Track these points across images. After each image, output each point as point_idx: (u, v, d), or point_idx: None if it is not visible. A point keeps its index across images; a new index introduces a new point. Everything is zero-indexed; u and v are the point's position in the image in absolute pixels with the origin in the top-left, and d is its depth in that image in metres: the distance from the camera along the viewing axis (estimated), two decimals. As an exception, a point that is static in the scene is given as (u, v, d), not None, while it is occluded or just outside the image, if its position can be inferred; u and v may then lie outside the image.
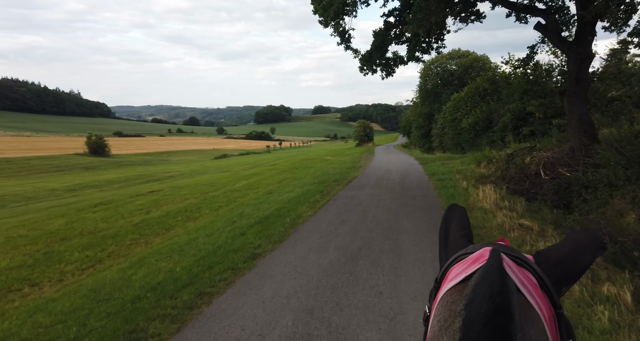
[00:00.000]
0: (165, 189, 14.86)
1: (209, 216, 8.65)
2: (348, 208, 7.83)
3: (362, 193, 9.95)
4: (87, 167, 39.16)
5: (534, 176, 11.15)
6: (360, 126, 57.59)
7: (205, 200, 11.21)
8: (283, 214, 7.40)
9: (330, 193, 10.11)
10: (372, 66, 11.76)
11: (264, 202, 9.59)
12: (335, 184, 11.74)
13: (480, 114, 22.61)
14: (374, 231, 5.88)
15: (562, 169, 10.30)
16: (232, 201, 10.74)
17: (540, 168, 11.19)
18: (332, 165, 19.74)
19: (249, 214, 7.91)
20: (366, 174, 14.63)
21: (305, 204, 8.42)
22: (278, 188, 12.54)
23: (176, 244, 5.94)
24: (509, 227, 5.84)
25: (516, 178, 11.65)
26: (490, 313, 0.48)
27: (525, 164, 12.46)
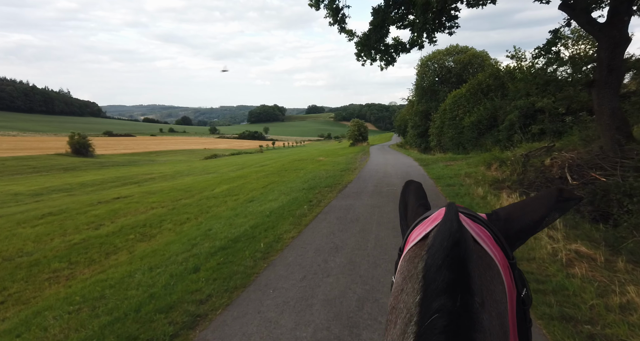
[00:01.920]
0: (134, 195, 13.05)
1: (168, 234, 6.91)
2: (342, 226, 6.12)
3: (359, 202, 8.25)
4: (66, 168, 37.04)
5: (559, 181, 9.55)
6: (355, 125, 55.94)
7: (174, 210, 9.45)
8: (258, 235, 5.67)
9: (320, 202, 8.40)
10: (371, 52, 10.06)
11: (240, 214, 7.87)
12: (327, 191, 10.04)
13: (483, 111, 21.05)
14: (379, 265, 4.18)
15: (595, 173, 8.64)
16: (205, 211, 8.99)
17: (565, 171, 9.56)
18: (324, 167, 18.04)
19: (216, 234, 6.18)
20: (362, 178, 12.94)
21: (288, 219, 6.70)
22: (261, 195, 10.82)
23: (101, 285, 4.20)
24: (566, 259, 4.19)
25: (537, 183, 10.03)
26: (449, 247, 0.51)
27: (545, 166, 10.85)
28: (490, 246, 0.63)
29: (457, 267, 0.49)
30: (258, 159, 41.26)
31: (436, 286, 0.48)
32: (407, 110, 48.19)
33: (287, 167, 20.21)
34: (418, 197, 0.87)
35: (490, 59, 34.64)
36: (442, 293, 0.47)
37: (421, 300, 0.48)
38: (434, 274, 0.49)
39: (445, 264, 0.49)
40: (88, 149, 50.52)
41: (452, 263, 0.49)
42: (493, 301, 0.54)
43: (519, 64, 20.44)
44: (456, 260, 0.49)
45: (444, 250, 0.51)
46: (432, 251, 0.53)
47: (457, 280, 0.47)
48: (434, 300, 0.46)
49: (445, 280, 0.48)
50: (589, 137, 11.50)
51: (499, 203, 7.65)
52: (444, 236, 0.53)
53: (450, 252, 0.50)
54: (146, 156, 63.26)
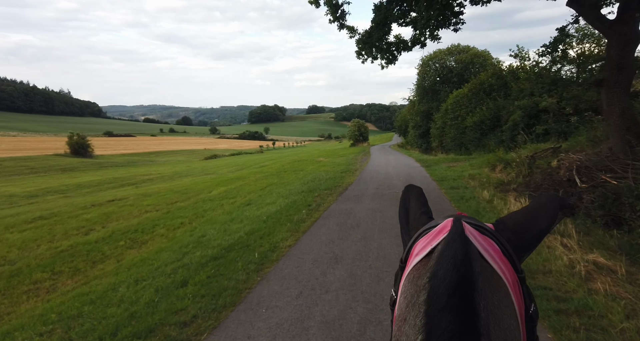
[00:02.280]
0: (130, 197, 12.72)
1: (160, 240, 6.58)
2: (342, 233, 5.79)
3: (360, 206, 7.92)
4: (64, 169, 36.74)
5: (567, 183, 9.23)
6: (355, 126, 55.60)
7: (168, 214, 9.13)
8: (253, 243, 5.34)
9: (320, 206, 8.07)
10: (372, 50, 9.72)
11: (236, 219, 7.54)
12: (327, 194, 9.71)
13: (486, 111, 20.71)
14: (382, 279, 3.84)
15: (605, 176, 8.31)
16: (200, 215, 8.67)
17: (573, 174, 9.24)
18: (324, 168, 17.72)
19: (210, 241, 5.85)
20: (363, 180, 12.61)
21: (286, 225, 6.37)
22: (259, 198, 10.49)
23: (82, 299, 3.88)
24: (585, 272, 3.86)
25: (544, 185, 9.70)
26: (454, 284, 0.48)
27: (552, 168, 10.52)
28: (498, 262, 0.60)
29: (462, 309, 0.45)
30: (258, 159, 40.94)
31: (438, 333, 0.44)
32: (408, 110, 47.82)
33: (286, 169, 19.89)
34: (420, 204, 0.83)
35: (492, 59, 34.30)
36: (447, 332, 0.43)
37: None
38: (436, 314, 0.46)
39: (449, 306, 0.46)
40: (87, 149, 50.23)
41: (457, 305, 0.46)
42: (502, 332, 0.52)
43: (522, 64, 20.14)
44: (461, 300, 0.46)
45: (447, 286, 0.48)
46: (435, 282, 0.50)
47: (462, 326, 0.44)
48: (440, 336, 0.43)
49: (448, 328, 0.44)
50: (597, 138, 11.16)
51: (507, 208, 7.32)
52: (448, 267, 0.50)
53: (454, 291, 0.47)
54: (145, 156, 62.97)
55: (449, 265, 0.51)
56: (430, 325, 0.46)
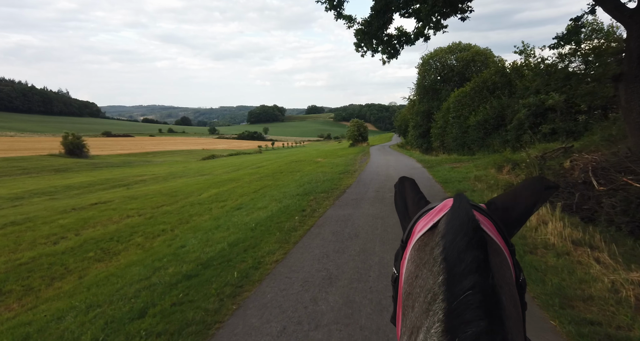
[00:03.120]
0: (115, 200, 12.00)
1: (134, 251, 5.85)
2: (339, 244, 5.06)
3: (359, 212, 7.19)
4: (57, 169, 35.95)
5: (582, 186, 8.51)
6: (354, 126, 54.85)
7: (151, 219, 8.41)
8: (234, 258, 4.60)
9: (315, 212, 7.34)
10: (372, 42, 8.99)
11: (222, 226, 6.82)
12: (324, 198, 8.98)
13: (490, 110, 19.98)
14: (385, 308, 3.10)
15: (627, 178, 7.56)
16: (184, 221, 7.94)
17: (589, 175, 8.51)
18: (322, 169, 16.99)
19: (188, 253, 5.12)
20: (362, 182, 11.88)
21: (275, 234, 5.64)
22: (251, 201, 9.77)
23: (19, 332, 3.15)
24: (634, 297, 3.14)
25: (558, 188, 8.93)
26: (472, 229, 0.51)
27: (564, 169, 9.81)
28: (495, 235, 0.64)
29: (483, 248, 0.49)
30: (255, 160, 40.21)
31: (464, 266, 0.48)
32: (407, 110, 47.06)
33: (283, 170, 19.16)
34: (416, 193, 0.86)
35: (494, 57, 33.59)
36: (473, 271, 0.46)
37: (446, 279, 0.48)
38: (458, 256, 0.49)
39: (471, 245, 0.49)
40: (82, 149, 49.44)
41: (478, 244, 0.49)
42: (507, 285, 0.56)
43: (526, 60, 19.42)
44: (481, 241, 0.50)
45: (466, 233, 0.51)
46: (451, 236, 0.53)
47: (486, 261, 0.48)
48: (465, 278, 0.46)
49: (475, 260, 0.47)
50: (613, 137, 10.46)
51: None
52: (463, 221, 0.54)
53: (474, 234, 0.51)
54: (142, 156, 62.19)
55: (463, 219, 0.53)
56: (451, 265, 0.48)
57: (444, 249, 0.52)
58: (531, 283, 3.52)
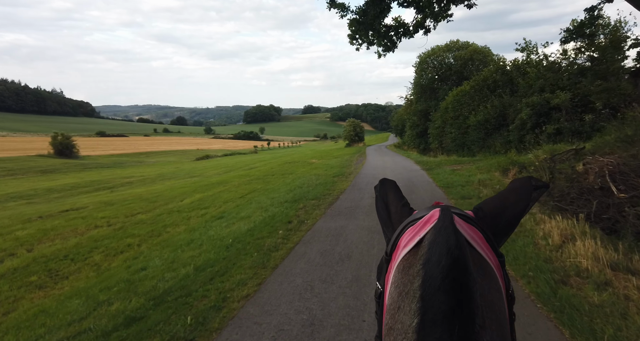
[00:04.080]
0: (89, 206, 11.05)
1: (86, 274, 4.95)
2: (327, 270, 4.17)
3: (353, 224, 6.31)
4: (44, 170, 34.83)
5: (599, 192, 7.67)
6: (350, 125, 54.00)
7: (120, 230, 7.50)
8: (196, 291, 3.70)
9: (302, 224, 6.45)
10: (367, 33, 8.12)
11: (196, 241, 5.93)
12: (314, 205, 8.09)
13: (491, 109, 19.17)
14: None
15: (652, 184, 6.74)
16: (156, 234, 7.03)
17: (607, 180, 7.68)
18: (316, 170, 16.11)
19: (144, 281, 4.23)
20: (358, 186, 11.00)
21: (252, 255, 4.74)
22: (235, 209, 8.88)
23: None
24: None
25: (572, 194, 8.14)
26: (448, 266, 0.48)
27: (577, 173, 8.96)
28: (484, 249, 0.61)
29: (456, 289, 0.46)
30: (249, 160, 39.26)
31: (433, 313, 0.45)
32: (404, 109, 46.20)
33: (275, 171, 18.25)
34: (399, 197, 0.82)
35: (493, 55, 32.84)
36: (439, 323, 0.44)
37: (418, 326, 0.45)
38: (431, 297, 0.46)
39: (443, 288, 0.46)
40: (72, 150, 48.27)
41: (451, 285, 0.46)
42: (493, 314, 0.53)
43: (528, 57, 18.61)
44: (455, 281, 0.46)
45: (441, 269, 0.48)
46: (429, 267, 0.50)
47: (456, 305, 0.44)
48: (432, 329, 0.43)
49: (442, 308, 0.44)
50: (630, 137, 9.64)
51: (540, 227, 5.75)
52: (442, 252, 0.50)
53: (448, 273, 0.47)
54: (135, 157, 61.05)
55: (443, 250, 0.51)
56: (425, 307, 0.46)
57: (423, 282, 0.48)
58: (578, 335, 2.65)
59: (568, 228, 5.61)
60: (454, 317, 0.43)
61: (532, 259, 4.26)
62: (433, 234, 0.56)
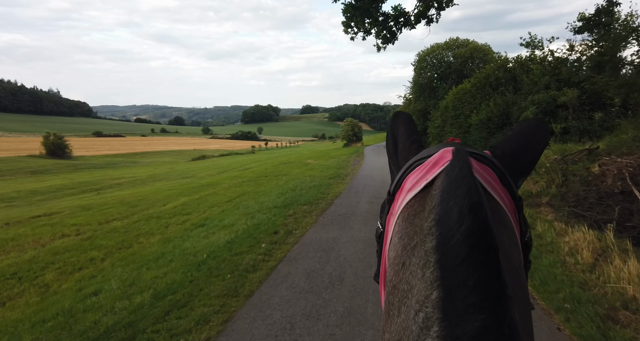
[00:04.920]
0: (65, 211, 10.23)
1: (26, 301, 4.16)
2: (313, 299, 3.38)
3: (347, 235, 5.53)
4: (34, 171, 33.91)
5: (620, 196, 6.94)
6: (348, 125, 53.21)
7: (87, 241, 6.69)
8: (144, 331, 2.91)
9: (290, 234, 5.67)
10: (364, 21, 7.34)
11: (166, 256, 5.14)
12: (306, 211, 7.31)
13: (494, 107, 18.38)
14: None
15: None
16: (125, 246, 6.23)
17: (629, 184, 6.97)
18: (311, 172, 15.32)
19: (87, 313, 3.44)
20: (354, 189, 10.22)
21: (225, 277, 3.96)
22: (219, 215, 8.09)
23: None
24: None
25: (590, 199, 7.38)
26: (476, 233, 0.38)
27: (593, 175, 8.23)
28: (500, 193, 0.57)
29: (488, 263, 0.37)
30: (245, 161, 38.44)
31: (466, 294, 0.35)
32: (403, 109, 45.52)
33: (268, 173, 17.45)
34: (410, 132, 0.77)
35: (494, 53, 32.11)
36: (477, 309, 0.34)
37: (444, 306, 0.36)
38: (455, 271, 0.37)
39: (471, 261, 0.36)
40: (64, 150, 47.33)
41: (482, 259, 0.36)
42: (512, 268, 0.49)
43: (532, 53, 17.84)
44: (487, 252, 0.37)
45: (467, 235, 0.38)
46: (446, 228, 0.39)
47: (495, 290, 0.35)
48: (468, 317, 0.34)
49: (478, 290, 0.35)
50: (648, 137, 8.93)
51: (564, 240, 4.98)
52: (463, 211, 0.40)
53: (478, 242, 0.37)
54: (130, 157, 60.14)
55: (464, 207, 0.40)
56: (450, 280, 0.37)
57: (438, 246, 0.39)
58: None
59: (596, 241, 4.84)
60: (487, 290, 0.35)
61: (564, 284, 3.48)
62: (446, 182, 0.45)
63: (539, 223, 6.36)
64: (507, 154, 0.65)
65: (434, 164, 0.57)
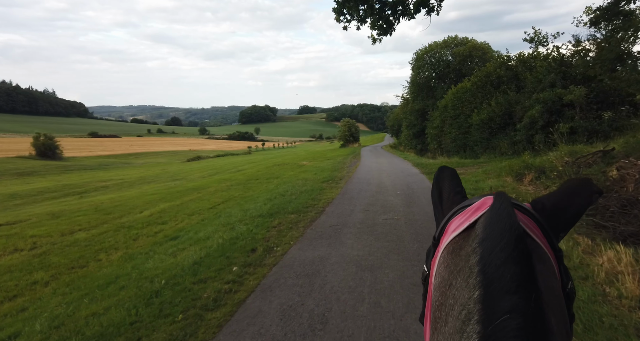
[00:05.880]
0: (32, 218, 9.34)
1: None
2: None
3: (337, 254, 4.68)
4: (22, 173, 32.90)
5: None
6: (345, 126, 52.37)
7: (38, 258, 5.82)
8: None
9: (269, 253, 4.81)
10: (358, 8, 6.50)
11: (118, 281, 4.28)
12: (292, 222, 6.45)
13: (495, 107, 17.59)
14: None
15: None
16: (79, 265, 5.37)
17: (656, 191, 6.17)
18: (304, 174, 14.48)
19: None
20: (348, 194, 9.38)
21: (175, 318, 3.10)
22: (197, 225, 7.23)
23: None
24: None
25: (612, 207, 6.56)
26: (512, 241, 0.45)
27: (611, 180, 7.40)
28: (540, 239, 0.59)
29: (525, 263, 0.43)
30: (239, 162, 37.54)
31: (503, 283, 0.42)
32: (401, 109, 44.65)
33: (260, 175, 16.60)
34: (455, 184, 0.81)
35: (493, 52, 31.34)
36: (512, 292, 0.41)
37: (483, 297, 0.43)
38: (496, 270, 0.43)
39: (511, 259, 0.43)
40: (55, 151, 46.27)
41: (519, 257, 0.43)
42: (555, 299, 0.52)
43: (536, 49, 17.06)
44: (523, 255, 0.44)
45: (507, 243, 0.45)
46: (489, 243, 0.47)
47: (528, 277, 0.42)
48: (502, 299, 0.41)
49: (514, 277, 0.42)
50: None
51: (596, 261, 4.16)
52: (504, 228, 0.47)
53: (517, 245, 0.45)
54: (124, 158, 59.09)
55: (504, 226, 0.47)
56: (489, 280, 0.43)
57: (482, 258, 0.46)
58: None
59: (635, 263, 4.01)
60: (528, 289, 0.40)
61: (614, 330, 2.65)
62: (488, 217, 0.53)
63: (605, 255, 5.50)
64: (547, 208, 0.66)
65: (476, 209, 0.61)
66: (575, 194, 0.68)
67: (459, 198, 0.75)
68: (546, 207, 0.67)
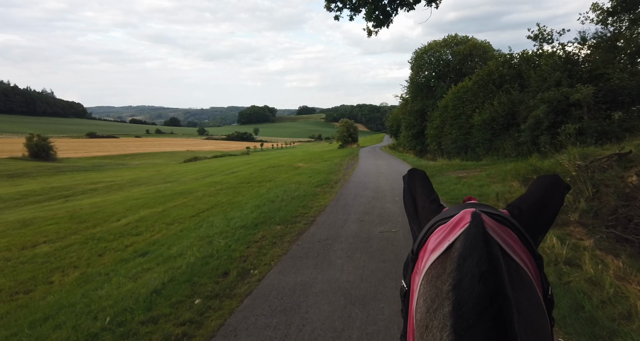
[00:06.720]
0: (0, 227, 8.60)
1: None
2: None
3: (324, 277, 3.96)
4: (12, 175, 32.10)
5: (676, 216, 5.46)
6: (344, 126, 51.63)
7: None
8: None
9: (243, 279, 4.07)
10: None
11: (59, 314, 3.56)
12: (278, 235, 5.73)
13: (498, 107, 16.88)
14: None
15: None
16: (23, 290, 4.65)
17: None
18: (299, 177, 13.76)
19: None
20: (343, 201, 8.66)
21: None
22: (172, 238, 6.51)
23: None
24: None
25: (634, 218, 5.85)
26: (482, 299, 0.43)
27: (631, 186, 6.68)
28: (519, 254, 0.58)
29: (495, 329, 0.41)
30: (235, 163, 36.79)
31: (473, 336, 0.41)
32: (400, 109, 43.95)
33: (253, 178, 15.86)
34: (428, 191, 0.79)
35: (494, 51, 30.66)
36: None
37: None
38: (466, 334, 0.42)
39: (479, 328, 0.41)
40: (49, 152, 45.45)
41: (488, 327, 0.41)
42: (532, 331, 0.49)
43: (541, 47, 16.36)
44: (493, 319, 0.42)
45: (476, 301, 0.43)
46: (461, 293, 0.45)
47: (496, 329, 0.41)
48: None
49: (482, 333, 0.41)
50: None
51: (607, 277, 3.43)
52: (474, 278, 0.45)
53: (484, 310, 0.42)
54: (119, 159, 58.22)
55: (475, 275, 0.46)
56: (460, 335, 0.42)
57: (452, 311, 0.44)
58: None
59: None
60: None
61: None
62: (462, 248, 0.51)
63: (576, 252, 4.79)
64: (524, 213, 0.66)
65: (454, 226, 0.59)
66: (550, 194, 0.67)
67: (434, 206, 0.74)
68: (523, 212, 0.66)
